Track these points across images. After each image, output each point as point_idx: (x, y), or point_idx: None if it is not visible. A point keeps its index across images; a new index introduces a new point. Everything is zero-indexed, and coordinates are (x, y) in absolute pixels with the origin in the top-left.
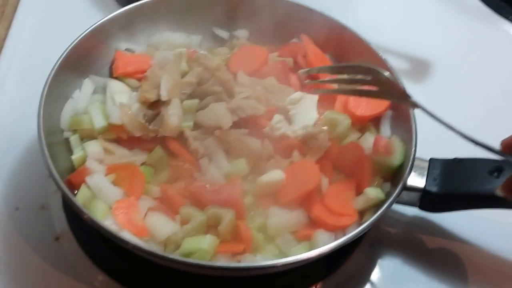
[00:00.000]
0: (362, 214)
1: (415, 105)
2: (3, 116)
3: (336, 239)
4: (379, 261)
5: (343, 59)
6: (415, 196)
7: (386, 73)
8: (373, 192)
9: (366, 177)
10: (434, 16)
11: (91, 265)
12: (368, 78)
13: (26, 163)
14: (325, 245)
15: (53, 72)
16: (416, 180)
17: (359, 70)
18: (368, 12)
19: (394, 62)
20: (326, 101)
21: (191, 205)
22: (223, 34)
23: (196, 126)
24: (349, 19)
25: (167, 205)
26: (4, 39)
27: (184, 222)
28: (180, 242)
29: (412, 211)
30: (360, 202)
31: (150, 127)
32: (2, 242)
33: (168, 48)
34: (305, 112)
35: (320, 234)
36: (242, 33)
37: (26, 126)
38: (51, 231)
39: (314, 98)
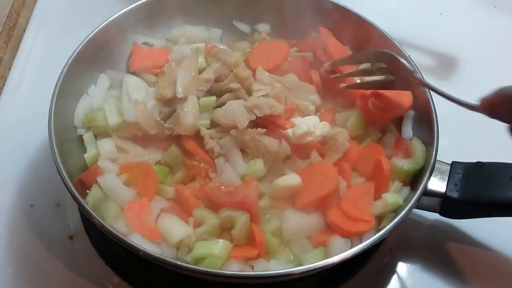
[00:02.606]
0: (379, 219)
1: (430, 88)
2: (20, 111)
3: (352, 245)
4: (398, 267)
5: None
6: (435, 201)
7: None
8: (391, 198)
9: (384, 180)
10: (462, 9)
11: (104, 265)
12: (384, 65)
13: (42, 159)
14: (341, 252)
15: (67, 67)
16: (437, 184)
17: (377, 56)
18: (391, 5)
19: (419, 59)
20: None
21: (205, 207)
22: (244, 27)
23: (213, 124)
24: (371, 12)
25: (181, 207)
26: (24, 29)
27: (197, 224)
28: (193, 245)
29: (434, 214)
30: (378, 208)
31: (166, 125)
32: (16, 239)
33: (187, 42)
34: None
35: (336, 240)
36: (263, 27)
37: (42, 121)
38: (66, 230)
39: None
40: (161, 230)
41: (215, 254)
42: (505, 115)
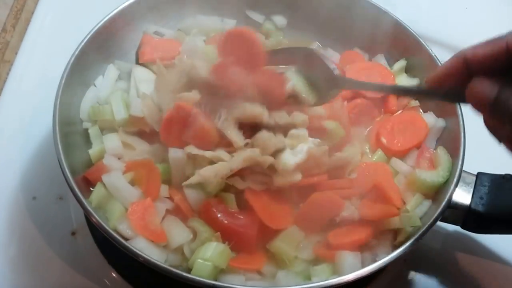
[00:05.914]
0: (395, 233)
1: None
2: (24, 103)
3: (363, 258)
4: (413, 279)
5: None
6: (458, 214)
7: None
8: (411, 222)
9: (392, 201)
10: (489, 5)
11: (106, 264)
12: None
13: (47, 149)
14: (352, 265)
15: (74, 57)
16: (461, 196)
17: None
18: (421, 4)
19: (444, 57)
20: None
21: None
22: (258, 17)
23: None
24: (398, 10)
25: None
26: (33, 12)
27: (194, 234)
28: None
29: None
30: (393, 224)
31: None
32: (17, 233)
33: (199, 33)
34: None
35: (345, 254)
36: (280, 21)
37: (48, 111)
38: (68, 225)
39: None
40: (166, 233)
41: (215, 264)
42: None
